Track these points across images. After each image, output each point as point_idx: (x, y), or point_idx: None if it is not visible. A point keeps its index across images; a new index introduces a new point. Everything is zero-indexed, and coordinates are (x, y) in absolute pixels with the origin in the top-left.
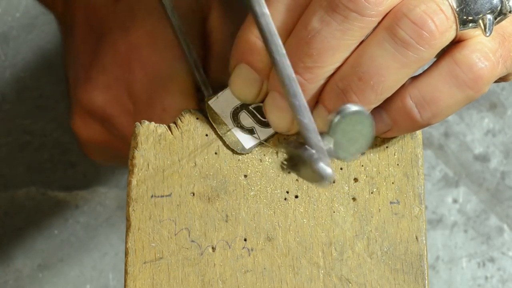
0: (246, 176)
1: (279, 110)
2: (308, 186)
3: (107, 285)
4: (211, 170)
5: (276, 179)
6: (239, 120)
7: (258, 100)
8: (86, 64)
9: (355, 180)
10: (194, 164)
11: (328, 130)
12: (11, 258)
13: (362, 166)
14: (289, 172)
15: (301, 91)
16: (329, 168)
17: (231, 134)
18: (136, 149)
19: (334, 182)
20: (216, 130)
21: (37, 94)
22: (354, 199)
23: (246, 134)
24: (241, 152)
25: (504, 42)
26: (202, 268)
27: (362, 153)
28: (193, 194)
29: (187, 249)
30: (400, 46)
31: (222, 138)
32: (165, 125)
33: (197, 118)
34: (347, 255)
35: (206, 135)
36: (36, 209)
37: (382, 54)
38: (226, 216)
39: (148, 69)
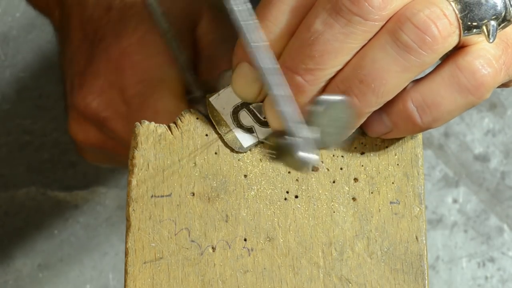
0: (246, 176)
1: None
2: (308, 186)
3: (107, 285)
4: (211, 170)
5: (276, 179)
6: (239, 118)
7: (258, 99)
8: (81, 70)
9: (355, 180)
10: (194, 164)
11: (310, 120)
12: (11, 258)
13: (362, 166)
14: (276, 161)
15: (283, 81)
16: (311, 154)
17: (230, 132)
18: (136, 149)
19: (317, 169)
20: (215, 127)
21: (37, 94)
22: (354, 199)
23: (245, 133)
24: (239, 150)
25: (507, 48)
26: (202, 268)
27: (346, 140)
28: (193, 194)
29: (187, 249)
30: (402, 50)
31: (220, 135)
32: (165, 125)
33: (197, 118)
34: (347, 255)
35: (206, 135)
36: (36, 209)
37: (384, 58)
38: (226, 216)
39: (139, 74)
